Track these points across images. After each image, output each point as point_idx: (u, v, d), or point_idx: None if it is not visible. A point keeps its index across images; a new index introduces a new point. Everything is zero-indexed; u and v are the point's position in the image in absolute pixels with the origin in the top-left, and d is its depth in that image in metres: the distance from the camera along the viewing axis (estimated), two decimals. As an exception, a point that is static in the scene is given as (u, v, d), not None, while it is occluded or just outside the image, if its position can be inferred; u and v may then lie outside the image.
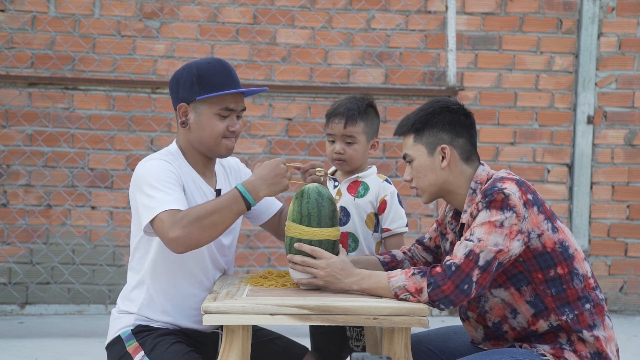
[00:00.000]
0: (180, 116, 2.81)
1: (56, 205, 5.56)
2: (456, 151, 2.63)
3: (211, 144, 2.80)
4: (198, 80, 2.76)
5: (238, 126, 2.81)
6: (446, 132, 2.63)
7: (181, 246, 2.61)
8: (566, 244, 2.56)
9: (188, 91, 2.78)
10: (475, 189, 2.62)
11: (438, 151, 2.63)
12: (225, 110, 2.77)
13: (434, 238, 2.90)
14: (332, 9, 5.70)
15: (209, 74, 2.76)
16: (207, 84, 2.76)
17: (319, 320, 2.42)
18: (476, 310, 2.67)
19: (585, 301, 2.56)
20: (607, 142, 5.83)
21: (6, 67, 5.52)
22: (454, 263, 2.47)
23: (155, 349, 2.71)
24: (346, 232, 3.07)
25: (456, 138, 2.64)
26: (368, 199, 3.09)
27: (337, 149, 3.08)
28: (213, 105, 2.77)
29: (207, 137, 2.79)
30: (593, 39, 5.77)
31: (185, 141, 2.84)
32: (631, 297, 5.84)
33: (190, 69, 2.79)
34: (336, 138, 3.09)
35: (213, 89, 2.75)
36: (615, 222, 5.83)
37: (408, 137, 2.67)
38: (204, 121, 2.78)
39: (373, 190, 3.10)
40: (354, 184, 3.12)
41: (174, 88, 2.83)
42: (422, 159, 2.64)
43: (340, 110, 3.09)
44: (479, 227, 2.49)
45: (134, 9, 5.62)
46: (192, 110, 2.79)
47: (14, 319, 5.34)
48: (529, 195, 2.54)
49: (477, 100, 5.79)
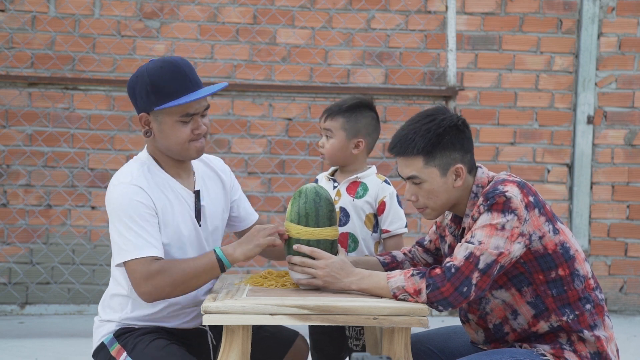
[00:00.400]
0: (142, 126, 2.71)
1: (56, 205, 5.56)
2: (466, 167, 2.60)
3: (179, 149, 2.70)
4: (152, 89, 2.64)
5: (203, 127, 2.70)
6: (457, 151, 2.58)
7: (151, 299, 2.63)
8: (567, 245, 2.56)
9: (145, 101, 2.67)
10: (476, 192, 2.61)
11: (451, 171, 2.58)
12: (186, 116, 2.66)
13: (434, 240, 2.90)
14: (332, 9, 5.70)
15: (162, 81, 2.64)
16: (161, 92, 2.64)
17: (319, 320, 2.42)
18: (477, 312, 2.67)
19: (586, 302, 2.56)
20: (607, 142, 5.83)
21: (6, 67, 5.52)
22: (454, 265, 2.47)
23: (137, 347, 2.70)
24: (346, 232, 3.08)
25: (465, 155, 2.60)
26: (367, 199, 3.09)
27: (320, 141, 3.16)
28: (172, 114, 2.65)
29: (173, 144, 2.69)
30: (593, 39, 5.77)
31: (154, 148, 2.76)
32: (631, 297, 5.84)
33: (143, 78, 2.67)
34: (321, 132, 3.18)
35: (168, 97, 2.63)
36: (615, 222, 5.83)
37: (415, 160, 2.57)
38: (166, 129, 2.67)
39: (372, 191, 3.10)
40: (353, 185, 3.12)
41: (132, 97, 2.73)
42: (435, 182, 2.58)
43: (331, 105, 3.16)
44: (480, 230, 2.49)
45: (134, 9, 5.62)
46: (153, 119, 2.68)
47: (14, 319, 5.34)
48: (531, 197, 2.53)
49: (477, 100, 5.79)
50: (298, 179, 5.64)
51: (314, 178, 3.33)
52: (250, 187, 5.64)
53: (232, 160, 5.60)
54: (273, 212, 5.64)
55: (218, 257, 2.62)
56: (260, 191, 5.65)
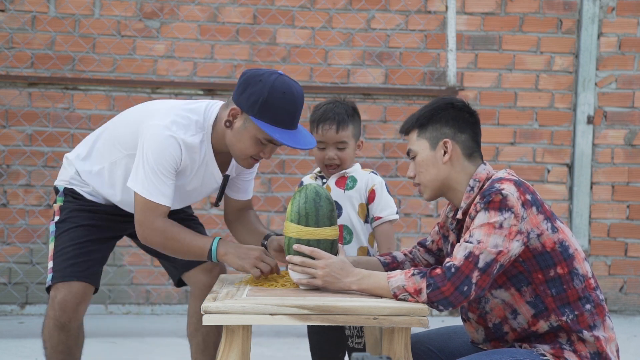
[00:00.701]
0: (229, 116, 2.84)
1: (56, 205, 5.56)
2: (458, 146, 2.64)
3: (237, 155, 2.89)
4: (263, 102, 2.76)
5: (268, 155, 2.89)
6: (449, 127, 2.65)
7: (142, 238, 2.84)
8: (566, 243, 2.56)
9: (249, 104, 2.79)
10: (473, 186, 2.62)
11: (440, 145, 2.64)
12: (267, 141, 2.84)
13: (437, 241, 2.90)
14: (332, 9, 5.70)
15: (275, 105, 2.77)
16: (267, 112, 2.77)
17: (319, 320, 2.42)
18: (476, 312, 2.67)
19: (586, 301, 2.56)
20: (607, 142, 5.83)
21: (6, 67, 5.52)
22: (454, 265, 2.47)
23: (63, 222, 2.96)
24: (340, 224, 3.09)
25: (459, 133, 2.66)
26: (357, 189, 3.15)
27: (330, 155, 3.10)
28: (260, 131, 2.80)
29: (238, 148, 2.86)
30: (593, 39, 5.77)
31: (221, 135, 2.90)
32: (631, 297, 5.84)
33: (264, 87, 2.78)
34: (327, 144, 3.10)
35: (269, 120, 2.77)
36: (615, 222, 5.83)
37: (412, 133, 2.69)
38: (244, 135, 2.83)
39: (361, 181, 3.16)
40: (341, 179, 3.17)
41: (241, 88, 2.82)
42: (425, 153, 2.65)
43: (330, 115, 3.10)
44: (478, 229, 2.49)
45: (134, 9, 5.62)
46: (241, 119, 2.83)
47: (14, 319, 5.34)
48: (528, 195, 2.54)
49: (477, 100, 5.79)
50: (298, 179, 5.62)
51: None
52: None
53: (232, 160, 5.60)
54: (273, 212, 5.64)
55: (211, 248, 2.80)
56: (260, 191, 5.65)
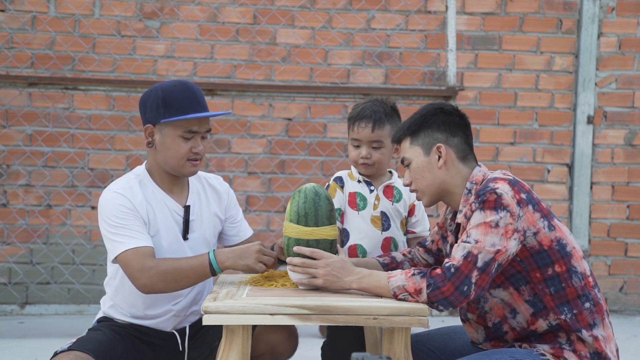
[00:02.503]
0: (146, 137, 2.92)
1: (56, 205, 5.57)
2: (452, 150, 2.65)
3: (175, 164, 2.89)
4: (163, 103, 2.86)
5: (202, 147, 2.90)
6: (441, 131, 2.65)
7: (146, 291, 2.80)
8: (563, 241, 2.56)
9: (154, 113, 2.88)
10: (470, 189, 2.63)
11: (434, 151, 2.65)
12: (188, 132, 2.87)
13: (436, 241, 2.90)
14: (332, 9, 5.70)
15: (173, 97, 2.86)
16: (171, 107, 2.85)
17: (319, 320, 2.42)
18: (476, 312, 2.67)
19: (585, 300, 2.56)
20: (607, 142, 5.83)
21: (6, 67, 5.52)
22: (453, 265, 2.47)
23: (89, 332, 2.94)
24: (389, 237, 3.09)
25: (451, 137, 2.66)
26: (402, 203, 3.14)
27: (364, 153, 3.05)
28: (177, 128, 2.87)
29: (171, 157, 2.88)
30: (593, 39, 5.77)
31: (153, 161, 2.95)
32: (631, 297, 5.84)
33: (157, 92, 2.88)
34: (362, 143, 3.06)
35: (177, 112, 2.85)
36: (615, 222, 5.83)
37: (404, 142, 2.69)
38: (168, 142, 2.88)
39: (405, 196, 3.15)
40: (388, 189, 3.13)
41: (142, 109, 2.93)
42: (419, 160, 2.66)
43: (367, 113, 3.06)
44: (475, 229, 2.50)
45: (134, 9, 5.62)
46: (157, 131, 2.89)
47: (14, 319, 5.34)
48: (523, 194, 2.54)
49: (477, 100, 5.79)
50: (298, 179, 5.64)
51: (313, 178, 3.32)
52: (250, 187, 5.64)
53: (232, 160, 5.60)
54: (273, 212, 5.64)
55: (210, 260, 2.76)
56: (260, 191, 5.65)
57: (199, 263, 2.77)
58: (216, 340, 2.94)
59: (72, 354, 2.72)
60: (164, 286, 2.77)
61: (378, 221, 3.08)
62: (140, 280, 2.76)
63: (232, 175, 5.58)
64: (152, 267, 2.75)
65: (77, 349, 2.75)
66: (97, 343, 2.80)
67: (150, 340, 2.97)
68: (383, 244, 3.08)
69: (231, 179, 5.54)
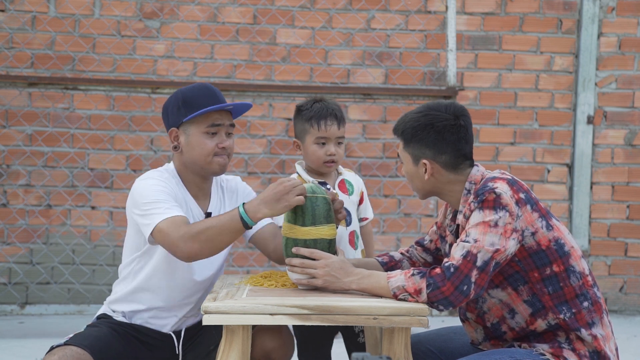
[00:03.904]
0: (172, 141, 2.92)
1: (56, 205, 5.56)
2: (439, 165, 2.65)
3: (203, 162, 2.89)
4: (183, 103, 2.87)
5: (228, 142, 2.91)
6: (429, 148, 2.65)
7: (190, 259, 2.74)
8: (561, 241, 2.56)
9: (175, 116, 2.89)
10: (469, 189, 2.63)
11: (421, 164, 2.66)
12: (212, 126, 2.87)
13: (435, 240, 2.90)
14: (332, 9, 5.70)
15: (193, 96, 2.89)
16: (191, 105, 2.87)
17: (319, 320, 2.42)
18: (475, 311, 2.67)
19: (583, 299, 2.56)
20: (607, 142, 5.83)
21: (6, 67, 5.52)
22: (452, 264, 2.47)
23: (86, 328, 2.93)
24: (352, 230, 3.11)
25: (439, 155, 2.65)
26: (355, 194, 3.19)
27: (332, 150, 3.11)
28: (200, 125, 2.87)
29: (198, 156, 2.88)
30: (593, 39, 5.77)
31: (180, 164, 2.95)
32: (631, 297, 5.84)
33: (177, 96, 2.91)
34: (329, 140, 3.11)
35: (197, 108, 2.86)
36: (615, 222, 5.83)
37: (400, 141, 2.72)
38: (193, 141, 2.88)
39: (356, 186, 3.21)
40: (341, 184, 3.18)
41: (165, 116, 2.95)
42: (409, 166, 2.70)
43: (329, 112, 3.12)
44: (474, 228, 2.50)
45: (134, 9, 5.62)
46: (182, 133, 2.90)
47: (14, 319, 5.34)
48: (521, 194, 2.54)
49: (477, 100, 5.79)
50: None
51: None
52: (250, 187, 5.63)
53: (232, 161, 5.60)
54: (273, 212, 5.63)
55: (240, 214, 2.68)
56: (260, 191, 5.64)
57: (229, 218, 2.68)
58: (212, 345, 2.94)
59: (67, 349, 2.72)
60: (200, 247, 2.68)
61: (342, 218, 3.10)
62: (179, 247, 2.69)
63: (232, 175, 5.58)
64: (186, 234, 2.68)
65: (74, 343, 2.75)
66: (94, 339, 2.80)
67: (147, 340, 2.97)
68: (350, 239, 3.10)
69: (231, 179, 5.54)
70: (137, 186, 2.86)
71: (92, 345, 2.75)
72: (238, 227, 2.69)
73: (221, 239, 2.70)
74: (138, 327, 2.97)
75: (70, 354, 2.70)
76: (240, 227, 2.69)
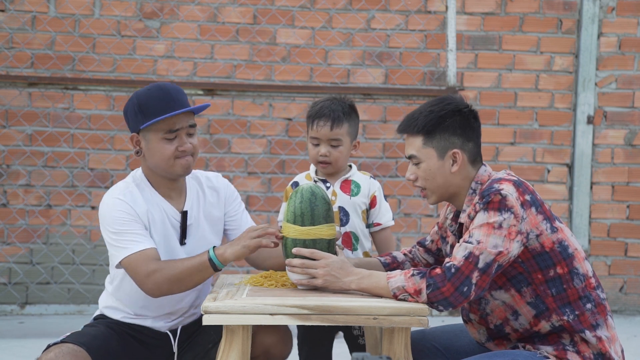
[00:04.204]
0: (133, 146, 2.91)
1: (56, 205, 5.56)
2: (466, 155, 2.62)
3: (165, 166, 2.87)
4: (139, 109, 2.85)
5: (189, 145, 2.87)
6: (458, 136, 2.60)
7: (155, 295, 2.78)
8: (565, 243, 2.56)
9: (134, 121, 2.88)
10: (475, 189, 2.62)
11: (449, 155, 2.60)
12: (169, 132, 2.85)
13: (436, 241, 2.90)
14: (332, 9, 5.70)
15: (147, 101, 2.84)
16: (147, 111, 2.83)
17: (319, 320, 2.42)
18: (478, 313, 2.67)
19: (587, 301, 2.56)
20: (607, 142, 5.83)
21: (6, 67, 5.52)
22: (454, 265, 2.47)
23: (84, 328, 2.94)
24: (348, 231, 3.10)
25: (467, 142, 2.61)
26: (361, 196, 3.14)
27: (323, 151, 3.09)
28: (157, 131, 2.85)
29: (159, 161, 2.87)
30: (593, 39, 5.76)
31: (146, 168, 2.94)
32: (631, 297, 5.84)
33: (132, 100, 2.88)
34: (321, 141, 3.09)
35: (153, 115, 2.83)
36: (615, 222, 5.83)
37: (415, 138, 2.62)
38: (153, 147, 2.86)
39: (364, 187, 3.15)
40: (345, 184, 3.15)
41: (126, 119, 2.93)
42: (432, 162, 2.61)
43: (325, 112, 3.09)
44: (478, 229, 2.49)
45: (134, 9, 5.62)
46: (142, 138, 2.89)
47: (14, 319, 5.34)
48: (527, 195, 2.53)
49: (477, 100, 5.79)
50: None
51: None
52: (250, 187, 5.64)
53: (232, 161, 5.60)
54: (273, 212, 5.64)
55: (210, 256, 2.73)
56: (260, 191, 5.65)
57: (200, 261, 2.74)
58: (210, 343, 2.94)
59: (64, 346, 2.72)
60: (169, 288, 2.75)
61: (336, 217, 3.09)
62: (147, 285, 2.74)
63: (232, 175, 5.58)
64: (156, 271, 2.73)
65: (70, 341, 2.75)
66: (91, 337, 2.80)
67: (144, 339, 2.97)
68: (343, 239, 3.09)
69: (231, 179, 5.53)
70: (104, 207, 2.86)
71: (89, 343, 2.76)
72: (207, 269, 2.75)
73: (190, 280, 2.76)
74: (135, 326, 2.97)
75: (67, 351, 2.70)
76: (210, 270, 2.75)
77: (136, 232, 2.80)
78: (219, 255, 2.73)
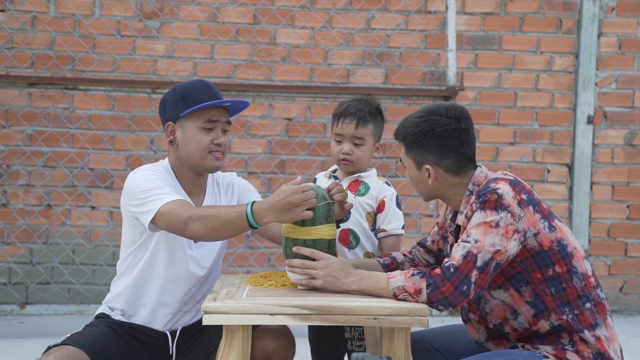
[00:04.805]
0: (168, 135, 2.93)
1: (56, 205, 5.56)
2: (442, 170, 2.65)
3: (198, 157, 2.90)
4: (181, 98, 2.89)
5: (224, 139, 2.92)
6: (431, 154, 2.64)
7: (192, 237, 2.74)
8: (564, 242, 2.56)
9: (173, 110, 2.90)
10: (472, 190, 2.63)
11: (424, 169, 2.66)
12: (208, 122, 2.89)
13: (437, 241, 2.90)
14: (332, 9, 5.70)
15: (191, 91, 2.90)
16: (189, 100, 2.89)
17: (319, 320, 2.42)
18: (477, 312, 2.67)
19: (586, 300, 2.56)
20: (607, 142, 5.83)
21: (6, 67, 5.52)
22: (453, 264, 2.47)
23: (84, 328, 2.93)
24: (347, 228, 3.09)
25: (442, 159, 2.64)
26: (368, 198, 3.13)
27: (345, 149, 3.09)
28: (197, 120, 2.89)
29: (193, 151, 2.89)
30: (593, 39, 5.77)
31: (175, 159, 2.96)
32: (631, 297, 5.84)
33: (175, 90, 2.93)
34: (344, 138, 3.10)
35: (195, 103, 2.87)
36: (615, 222, 5.83)
37: (402, 146, 2.71)
38: (189, 136, 2.89)
39: (373, 190, 3.14)
40: (355, 183, 3.15)
41: (162, 110, 2.96)
42: (412, 171, 2.69)
43: (352, 111, 3.09)
44: (475, 228, 2.49)
45: (134, 9, 5.62)
46: (178, 127, 2.91)
47: (14, 319, 5.34)
48: (524, 195, 2.54)
49: (477, 100, 5.79)
50: (298, 179, 5.63)
51: (313, 178, 3.32)
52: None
53: (232, 160, 5.60)
54: (273, 212, 5.64)
55: (247, 214, 2.65)
56: (260, 191, 5.65)
57: (236, 215, 2.66)
58: (212, 346, 2.94)
59: (64, 349, 2.72)
60: (206, 231, 2.68)
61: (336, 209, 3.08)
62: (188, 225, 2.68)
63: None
64: (195, 213, 2.69)
65: (70, 343, 2.75)
66: (91, 339, 2.80)
67: (146, 340, 2.97)
68: (341, 236, 3.08)
69: (231, 179, 5.54)
70: (130, 179, 2.87)
71: (88, 345, 2.75)
72: (243, 225, 2.67)
73: (225, 229, 2.70)
74: (137, 326, 2.97)
75: (67, 354, 2.70)
76: (246, 226, 2.67)
77: (168, 188, 2.81)
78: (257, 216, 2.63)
